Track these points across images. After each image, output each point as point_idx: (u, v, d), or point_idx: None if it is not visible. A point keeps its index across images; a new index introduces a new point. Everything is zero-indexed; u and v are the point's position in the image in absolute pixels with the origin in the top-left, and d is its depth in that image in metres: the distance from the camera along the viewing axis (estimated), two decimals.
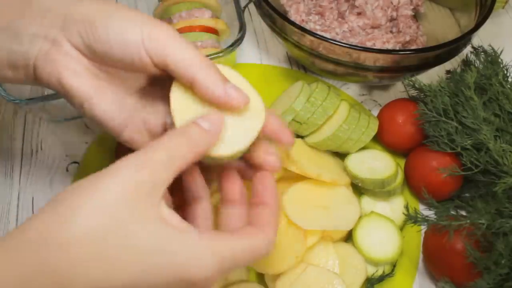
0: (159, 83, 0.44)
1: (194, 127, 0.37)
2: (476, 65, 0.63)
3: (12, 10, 0.42)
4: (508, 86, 0.59)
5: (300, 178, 0.57)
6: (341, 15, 0.72)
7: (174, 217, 0.34)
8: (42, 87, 0.43)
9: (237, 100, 0.39)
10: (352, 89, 0.72)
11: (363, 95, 0.72)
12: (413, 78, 0.63)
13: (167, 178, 0.34)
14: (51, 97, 0.59)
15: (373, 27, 0.71)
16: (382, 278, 0.54)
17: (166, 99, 0.42)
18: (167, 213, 0.34)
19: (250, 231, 0.37)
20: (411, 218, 0.55)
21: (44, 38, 0.41)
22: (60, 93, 0.41)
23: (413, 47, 0.70)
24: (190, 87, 0.40)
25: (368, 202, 0.60)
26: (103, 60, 0.41)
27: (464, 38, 0.61)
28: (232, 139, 0.39)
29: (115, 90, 0.42)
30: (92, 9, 0.40)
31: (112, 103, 0.42)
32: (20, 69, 0.42)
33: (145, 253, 0.32)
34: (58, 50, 0.40)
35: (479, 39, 0.76)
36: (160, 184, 0.34)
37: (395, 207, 0.59)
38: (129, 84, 0.43)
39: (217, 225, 0.41)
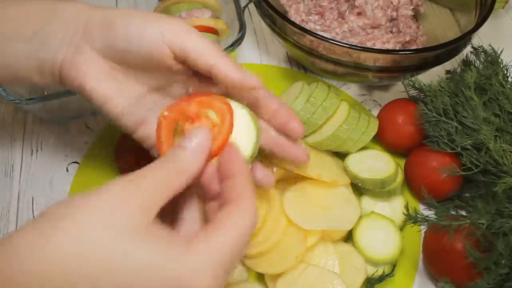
0: (176, 81, 0.47)
1: (181, 151, 0.37)
2: (476, 65, 0.63)
3: (39, 19, 0.44)
4: (508, 86, 0.59)
5: (300, 178, 0.57)
6: (341, 15, 0.72)
7: (164, 237, 0.33)
8: (66, 88, 0.46)
9: (254, 81, 0.43)
10: (352, 89, 0.72)
11: (363, 95, 0.72)
12: (413, 78, 0.63)
13: (156, 204, 0.34)
14: (51, 97, 0.59)
15: (373, 27, 0.71)
16: (382, 278, 0.54)
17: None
18: (159, 235, 0.33)
19: (228, 214, 0.36)
20: (411, 218, 0.55)
21: (68, 44, 0.43)
22: (83, 95, 0.44)
23: (413, 47, 0.70)
24: (208, 73, 0.43)
25: (368, 202, 0.60)
26: (123, 58, 0.43)
27: (464, 38, 0.61)
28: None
29: (133, 90, 0.45)
30: (111, 12, 0.43)
31: (130, 103, 0.45)
32: (47, 75, 0.45)
33: (134, 275, 0.31)
34: (81, 56, 0.43)
35: (479, 39, 0.76)
36: (150, 210, 0.33)
37: (395, 207, 0.59)
38: (147, 83, 0.46)
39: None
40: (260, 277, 0.55)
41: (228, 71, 0.42)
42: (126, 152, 0.60)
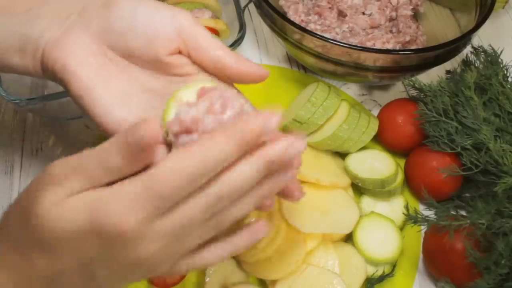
0: (175, 82, 0.42)
1: None
2: (476, 65, 0.63)
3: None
4: (508, 86, 0.59)
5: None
6: (342, 13, 0.72)
7: None
8: (45, 79, 0.41)
9: (266, 72, 0.40)
10: (352, 89, 0.72)
11: (363, 95, 0.72)
12: (413, 78, 0.63)
13: None
14: (51, 97, 0.59)
15: (373, 27, 0.71)
16: (382, 278, 0.54)
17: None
18: None
19: None
20: (411, 218, 0.55)
21: (58, 25, 0.40)
22: (63, 82, 0.39)
23: (413, 47, 0.70)
24: (213, 65, 0.40)
25: (368, 202, 0.60)
26: (120, 42, 0.39)
27: (464, 38, 0.61)
28: None
29: (122, 84, 0.40)
30: None
31: (115, 98, 0.39)
32: (28, 55, 0.41)
33: None
34: (69, 37, 0.39)
35: (479, 39, 0.76)
36: None
37: (395, 207, 0.59)
38: (140, 81, 0.41)
39: None
40: (260, 278, 0.55)
41: (239, 62, 0.39)
42: None
